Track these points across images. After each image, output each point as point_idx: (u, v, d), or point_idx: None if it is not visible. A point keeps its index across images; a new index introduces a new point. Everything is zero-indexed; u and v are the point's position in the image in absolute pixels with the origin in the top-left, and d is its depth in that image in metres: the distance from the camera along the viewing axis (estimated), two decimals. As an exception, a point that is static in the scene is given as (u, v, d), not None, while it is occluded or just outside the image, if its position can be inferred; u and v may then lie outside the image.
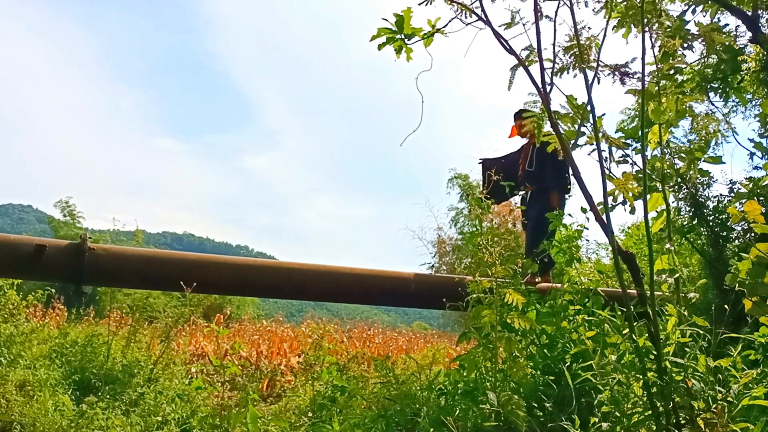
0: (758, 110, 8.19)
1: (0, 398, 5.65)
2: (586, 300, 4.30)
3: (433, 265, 20.76)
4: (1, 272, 6.00)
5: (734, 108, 9.14)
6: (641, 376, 2.96)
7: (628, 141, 3.92)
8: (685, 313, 3.34)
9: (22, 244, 4.94)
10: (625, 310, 3.23)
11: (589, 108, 3.55)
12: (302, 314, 23.28)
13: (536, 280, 6.10)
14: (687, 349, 3.21)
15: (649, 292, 3.11)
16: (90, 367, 6.62)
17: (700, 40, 4.05)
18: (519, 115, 7.14)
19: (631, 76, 3.77)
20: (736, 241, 7.03)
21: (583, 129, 3.73)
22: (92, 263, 5.03)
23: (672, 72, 3.76)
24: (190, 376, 7.76)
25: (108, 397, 5.96)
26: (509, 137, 7.41)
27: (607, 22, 3.75)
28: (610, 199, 3.47)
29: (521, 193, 7.49)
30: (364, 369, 8.59)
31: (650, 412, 2.93)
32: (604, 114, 3.63)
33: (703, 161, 3.91)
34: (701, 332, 3.31)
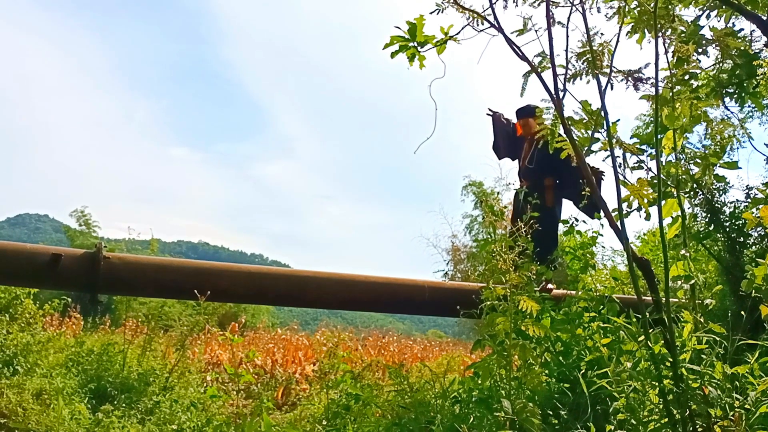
0: (774, 115, 8.14)
1: (17, 406, 5.69)
2: (601, 307, 4.28)
3: (447, 273, 20.73)
4: (17, 281, 6.06)
5: (750, 113, 9.09)
6: (657, 384, 2.94)
7: (643, 147, 3.90)
8: (702, 320, 3.32)
9: (38, 254, 4.98)
10: (640, 316, 3.21)
11: (602, 114, 3.54)
12: (317, 322, 23.28)
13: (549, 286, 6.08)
14: (703, 356, 3.18)
15: (664, 299, 3.09)
16: (106, 375, 6.65)
17: (714, 44, 4.03)
18: (521, 113, 7.16)
19: (644, 81, 3.75)
20: (753, 246, 6.97)
21: (596, 135, 3.71)
22: (107, 272, 5.06)
23: (686, 77, 3.74)
24: (205, 385, 7.78)
25: (124, 405, 5.99)
26: (516, 135, 7.42)
27: (620, 27, 3.74)
28: (624, 205, 3.45)
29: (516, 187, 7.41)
30: (379, 377, 8.58)
31: (666, 419, 2.90)
32: (618, 120, 3.61)
33: (719, 166, 3.88)
34: (718, 339, 3.28)
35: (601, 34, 3.81)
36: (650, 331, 3.10)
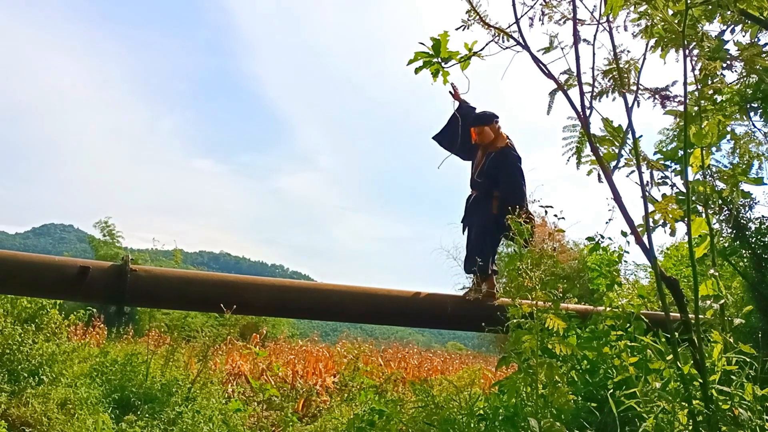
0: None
1: (42, 416, 5.75)
2: (628, 325, 4.25)
3: (468, 287, 20.63)
4: (46, 293, 6.12)
5: (774, 128, 8.97)
6: (687, 404, 2.91)
7: (667, 163, 3.87)
8: (731, 340, 3.28)
9: (67, 266, 5.03)
10: (668, 335, 3.18)
11: (629, 132, 3.52)
12: (337, 334, 23.28)
13: (482, 288, 6.07)
14: (733, 377, 3.15)
15: (694, 318, 3.07)
16: (129, 385, 6.71)
17: (739, 60, 4.01)
18: (476, 121, 6.62)
19: (671, 99, 3.74)
20: (780, 263, 6.88)
21: (622, 152, 3.70)
22: (134, 285, 5.10)
23: (712, 93, 3.73)
24: (227, 396, 7.81)
25: (147, 415, 6.03)
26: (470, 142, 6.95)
27: (647, 45, 3.73)
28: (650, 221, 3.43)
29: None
30: (400, 391, 8.56)
31: (696, 441, 2.88)
32: (641, 135, 3.60)
33: (744, 182, 3.85)
34: (747, 359, 3.24)
35: (628, 51, 3.81)
36: (678, 350, 3.08)
